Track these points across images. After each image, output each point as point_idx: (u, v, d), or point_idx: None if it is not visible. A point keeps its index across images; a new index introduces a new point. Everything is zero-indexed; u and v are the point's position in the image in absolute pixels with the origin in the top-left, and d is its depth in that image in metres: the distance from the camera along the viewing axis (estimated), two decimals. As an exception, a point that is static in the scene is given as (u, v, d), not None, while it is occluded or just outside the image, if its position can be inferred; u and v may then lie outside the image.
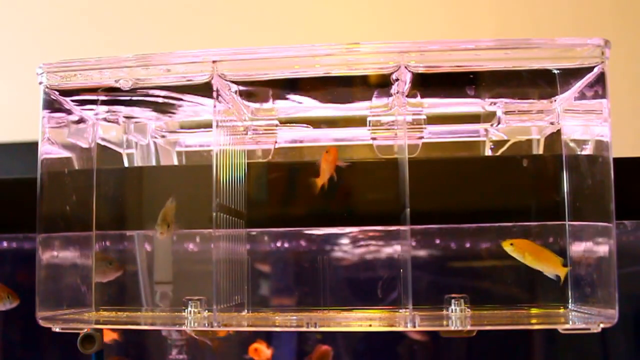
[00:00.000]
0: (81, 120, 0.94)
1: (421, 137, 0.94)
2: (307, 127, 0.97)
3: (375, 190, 0.94)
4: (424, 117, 0.93)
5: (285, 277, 1.05)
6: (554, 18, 1.70)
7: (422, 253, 1.02)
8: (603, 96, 0.77)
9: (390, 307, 0.90)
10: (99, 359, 0.85)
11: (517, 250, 0.83)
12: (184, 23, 1.80)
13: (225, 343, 1.15)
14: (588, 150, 0.84)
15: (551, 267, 0.83)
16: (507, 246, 0.84)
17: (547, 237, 0.92)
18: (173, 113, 0.97)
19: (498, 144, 0.98)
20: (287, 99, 0.93)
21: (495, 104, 0.89)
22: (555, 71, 0.82)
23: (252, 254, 0.97)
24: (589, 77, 0.79)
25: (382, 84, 0.84)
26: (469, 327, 0.77)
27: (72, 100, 0.90)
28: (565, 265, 0.83)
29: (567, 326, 0.76)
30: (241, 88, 0.86)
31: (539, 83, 0.85)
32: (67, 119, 0.91)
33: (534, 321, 0.86)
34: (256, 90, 0.89)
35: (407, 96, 0.84)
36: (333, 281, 0.97)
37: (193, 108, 0.95)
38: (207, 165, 0.81)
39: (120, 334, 1.12)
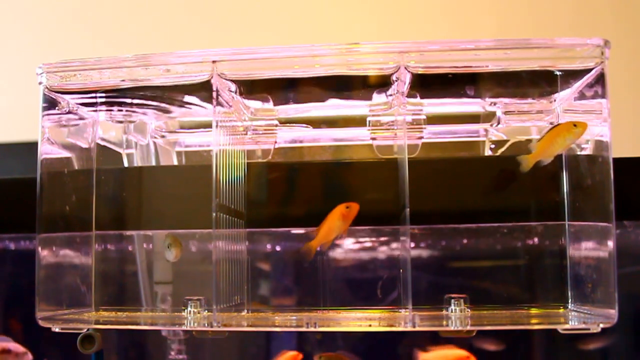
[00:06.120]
0: (81, 120, 0.94)
1: (421, 137, 0.94)
2: (306, 127, 0.97)
3: (375, 190, 0.94)
4: (424, 117, 0.93)
5: (285, 277, 1.05)
6: (554, 18, 1.70)
7: (422, 253, 1.02)
8: (603, 96, 0.77)
9: (390, 307, 0.90)
10: (99, 359, 0.85)
11: None
12: (184, 23, 1.80)
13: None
14: (588, 150, 0.84)
15: None
16: None
17: (547, 237, 0.92)
18: (172, 112, 0.97)
19: (498, 144, 0.98)
20: (287, 99, 0.92)
21: (495, 104, 0.89)
22: (555, 71, 0.82)
23: (252, 254, 0.97)
24: (589, 77, 0.79)
25: (382, 84, 0.84)
26: (468, 327, 0.77)
27: (72, 100, 0.90)
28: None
29: (567, 326, 0.76)
30: (241, 88, 0.86)
31: (539, 83, 0.85)
32: (67, 119, 0.91)
33: (534, 321, 0.86)
34: (256, 90, 0.89)
35: (406, 96, 0.84)
36: (333, 281, 0.97)
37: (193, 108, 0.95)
38: (207, 165, 0.81)
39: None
